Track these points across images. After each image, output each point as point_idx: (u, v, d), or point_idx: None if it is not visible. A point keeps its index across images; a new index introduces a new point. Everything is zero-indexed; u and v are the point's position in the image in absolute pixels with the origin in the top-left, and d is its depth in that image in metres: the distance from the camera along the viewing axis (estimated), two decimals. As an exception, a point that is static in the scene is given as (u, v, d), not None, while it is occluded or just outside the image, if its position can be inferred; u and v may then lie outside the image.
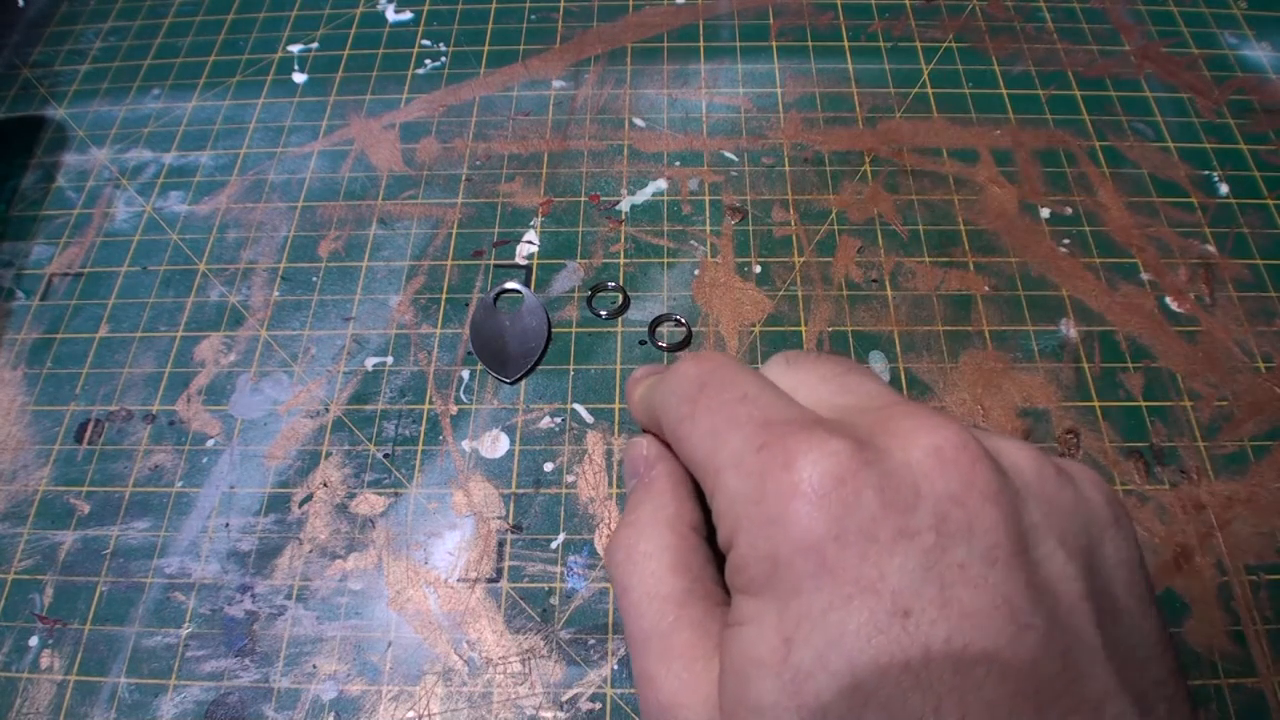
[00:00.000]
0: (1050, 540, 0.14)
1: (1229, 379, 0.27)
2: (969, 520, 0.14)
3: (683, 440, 0.17)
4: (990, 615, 0.14)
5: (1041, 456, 0.15)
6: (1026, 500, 0.15)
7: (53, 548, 0.26)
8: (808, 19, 0.37)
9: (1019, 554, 0.14)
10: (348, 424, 0.27)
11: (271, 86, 0.36)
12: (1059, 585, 0.14)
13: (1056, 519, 0.15)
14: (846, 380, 0.18)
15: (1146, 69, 0.35)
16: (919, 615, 0.14)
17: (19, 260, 0.31)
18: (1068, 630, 0.14)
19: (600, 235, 0.31)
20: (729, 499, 0.15)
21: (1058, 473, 0.15)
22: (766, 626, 0.15)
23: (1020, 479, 0.15)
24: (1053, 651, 0.14)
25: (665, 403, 0.18)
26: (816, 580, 0.14)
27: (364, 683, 0.23)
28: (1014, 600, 0.14)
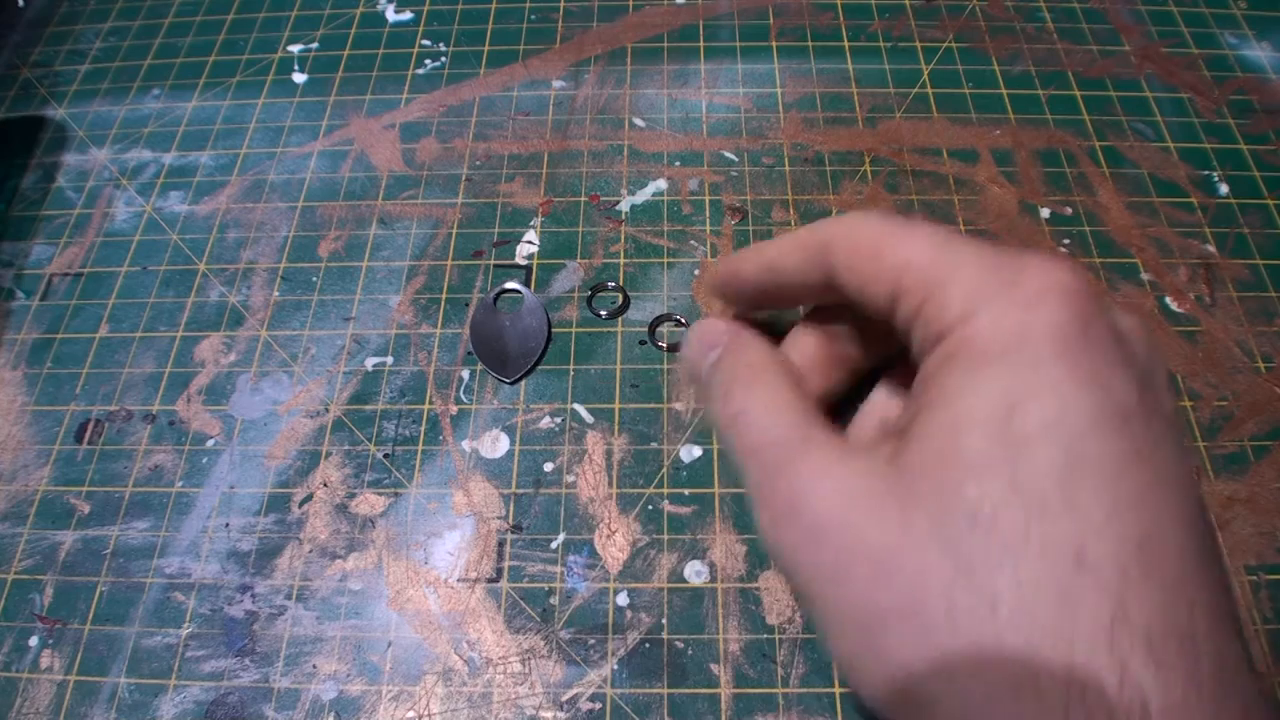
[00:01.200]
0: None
1: (1229, 379, 0.27)
2: (1159, 381, 0.16)
3: (890, 248, 0.18)
4: (1176, 451, 0.16)
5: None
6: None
7: (53, 548, 0.26)
8: (808, 19, 0.37)
9: (1166, 388, 0.17)
10: (348, 424, 0.27)
11: (271, 86, 0.36)
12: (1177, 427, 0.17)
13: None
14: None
15: (1146, 69, 0.35)
16: (1134, 423, 0.15)
17: (19, 260, 0.31)
18: (1191, 469, 0.16)
19: (600, 235, 0.31)
20: (970, 279, 0.16)
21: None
22: (992, 392, 0.16)
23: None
24: (1193, 481, 0.15)
25: (858, 226, 0.19)
26: (1056, 361, 0.15)
27: (364, 683, 0.23)
28: (1174, 428, 0.16)
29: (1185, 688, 0.14)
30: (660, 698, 0.22)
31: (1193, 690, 0.14)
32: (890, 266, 0.18)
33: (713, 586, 0.24)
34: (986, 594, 0.15)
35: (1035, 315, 0.16)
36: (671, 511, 0.25)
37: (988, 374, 0.16)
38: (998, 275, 0.17)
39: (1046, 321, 0.16)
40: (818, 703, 0.22)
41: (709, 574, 0.24)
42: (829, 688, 0.22)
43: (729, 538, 0.25)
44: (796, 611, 0.23)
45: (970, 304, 0.16)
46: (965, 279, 0.17)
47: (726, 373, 0.22)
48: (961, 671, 0.15)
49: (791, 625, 0.23)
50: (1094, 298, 0.17)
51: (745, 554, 0.24)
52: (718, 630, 0.23)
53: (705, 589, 0.24)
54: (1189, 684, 0.14)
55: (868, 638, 0.16)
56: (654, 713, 0.22)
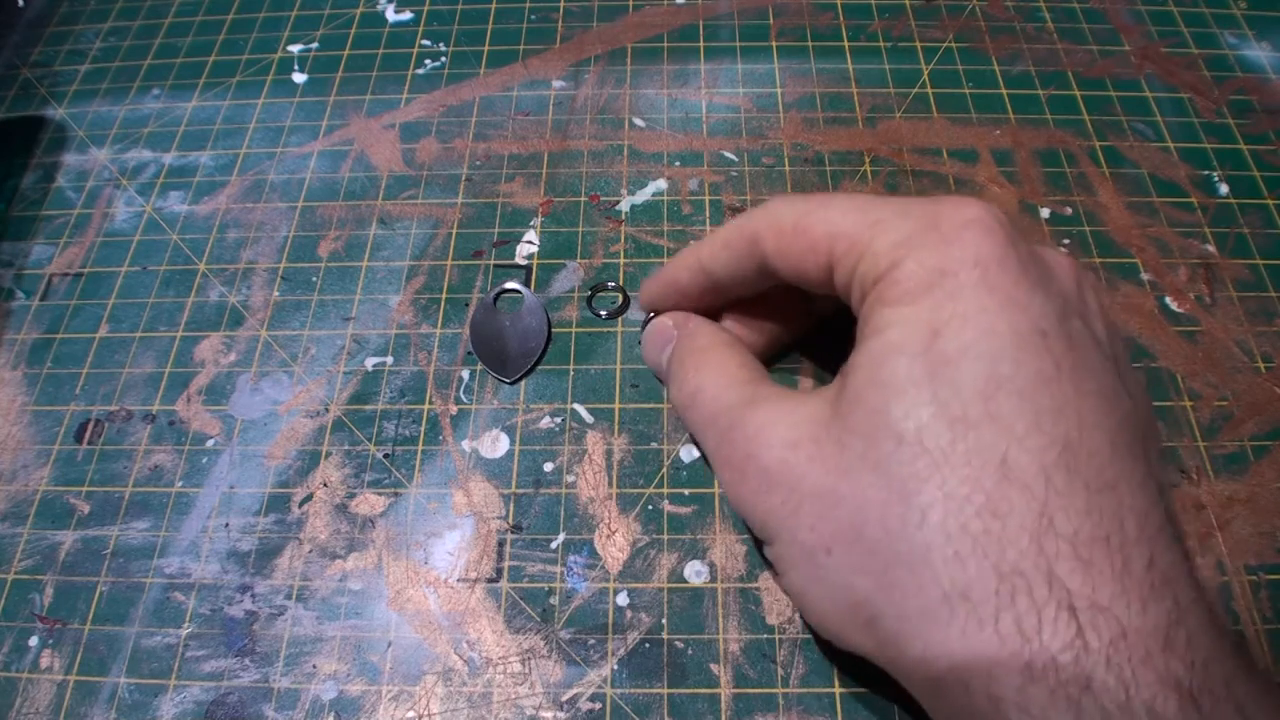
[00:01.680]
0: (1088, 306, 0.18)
1: (1229, 379, 0.27)
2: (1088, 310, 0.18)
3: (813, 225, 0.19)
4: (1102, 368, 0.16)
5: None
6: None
7: (53, 548, 0.26)
8: (808, 19, 0.37)
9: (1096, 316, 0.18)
10: (348, 424, 0.27)
11: (271, 86, 0.36)
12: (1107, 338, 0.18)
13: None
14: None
15: (1146, 69, 0.35)
16: (1053, 341, 0.16)
17: (19, 260, 0.31)
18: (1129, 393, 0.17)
19: (600, 235, 0.31)
20: (893, 234, 0.17)
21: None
22: (916, 323, 0.17)
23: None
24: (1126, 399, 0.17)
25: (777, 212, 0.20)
26: (977, 288, 0.16)
27: (364, 683, 0.23)
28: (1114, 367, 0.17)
29: (1112, 587, 0.14)
30: (660, 698, 0.22)
31: (1119, 589, 0.14)
32: (819, 240, 0.19)
33: (713, 586, 0.24)
34: (916, 507, 0.15)
35: (953, 250, 0.17)
36: (671, 511, 0.25)
37: (913, 308, 0.17)
38: (918, 222, 0.18)
39: (964, 254, 0.17)
40: (818, 703, 0.22)
41: (709, 574, 0.24)
42: (829, 688, 0.22)
43: (729, 538, 0.25)
44: (797, 612, 0.23)
45: (896, 252, 0.17)
46: (889, 232, 0.18)
47: (678, 360, 0.23)
48: (899, 585, 0.16)
49: (791, 625, 0.23)
50: (1008, 229, 0.17)
51: (745, 554, 0.24)
52: (718, 630, 0.23)
53: (705, 589, 0.24)
54: (1115, 583, 0.14)
55: (815, 567, 0.17)
56: (654, 713, 0.22)
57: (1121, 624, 0.14)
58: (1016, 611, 0.14)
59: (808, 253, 0.19)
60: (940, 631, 0.15)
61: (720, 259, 0.22)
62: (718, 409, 0.21)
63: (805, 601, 0.19)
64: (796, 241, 0.19)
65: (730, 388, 0.21)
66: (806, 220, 0.19)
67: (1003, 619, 0.14)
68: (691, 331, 0.24)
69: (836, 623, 0.18)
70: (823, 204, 0.19)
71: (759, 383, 0.21)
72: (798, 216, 0.19)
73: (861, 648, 0.17)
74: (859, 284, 0.18)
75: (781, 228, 0.20)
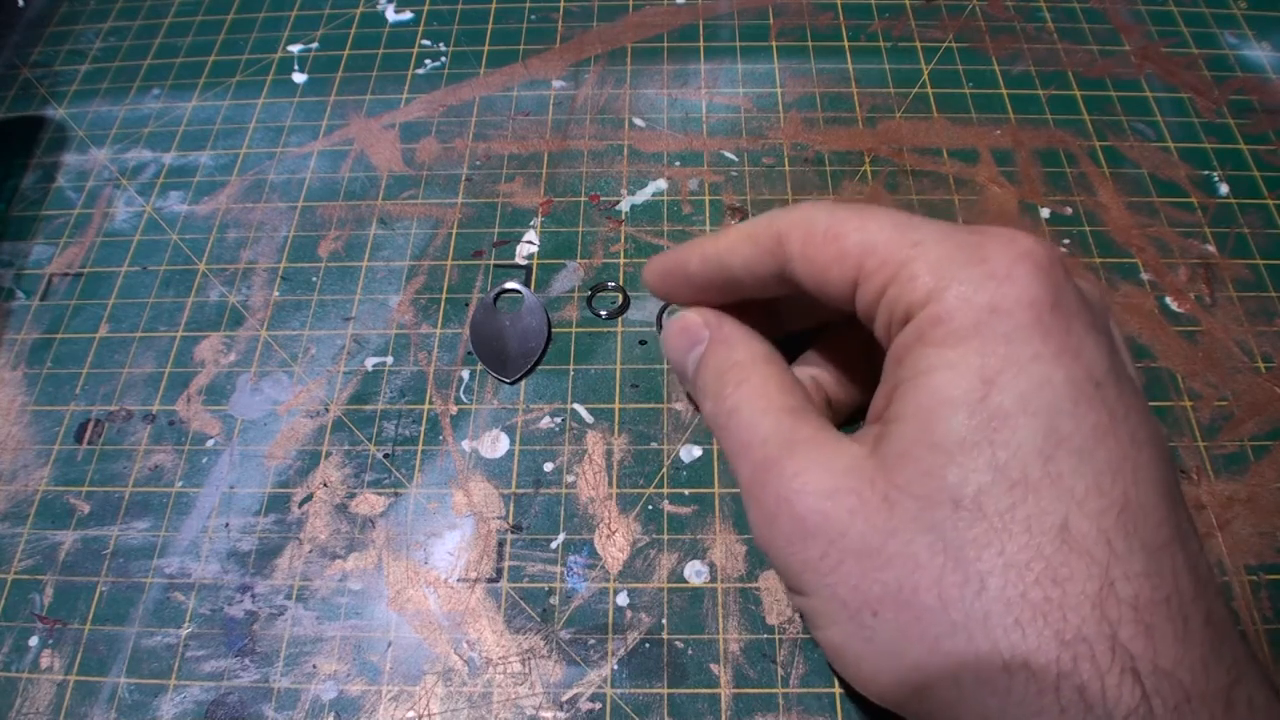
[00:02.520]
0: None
1: (1229, 379, 0.27)
2: (1120, 345, 0.17)
3: (848, 233, 0.18)
4: (1146, 413, 0.16)
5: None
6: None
7: (53, 548, 0.26)
8: (808, 19, 0.37)
9: (1123, 345, 0.18)
10: (348, 424, 0.27)
11: (271, 86, 0.36)
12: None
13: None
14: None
15: (1146, 69, 0.35)
16: (1106, 390, 0.15)
17: (19, 260, 0.31)
18: (1161, 431, 0.17)
19: (600, 235, 0.31)
20: (935, 259, 0.16)
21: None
22: (966, 370, 0.15)
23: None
24: (1163, 442, 0.16)
25: (811, 214, 0.19)
26: (1029, 332, 0.15)
27: (364, 683, 0.23)
28: (1136, 383, 0.17)
29: (1174, 650, 0.14)
30: (660, 698, 0.22)
31: (1182, 651, 0.14)
32: (850, 250, 0.18)
33: (713, 586, 0.24)
34: (975, 575, 0.15)
35: (1006, 289, 0.16)
36: (671, 511, 0.25)
37: (961, 351, 0.16)
38: (964, 251, 0.16)
39: (1018, 295, 0.16)
40: (818, 703, 0.22)
41: (709, 574, 0.24)
42: (829, 688, 0.22)
43: (729, 538, 0.25)
44: (797, 612, 0.23)
45: (938, 281, 0.16)
46: (930, 256, 0.17)
47: (714, 371, 0.22)
48: (955, 654, 0.15)
49: (791, 625, 0.23)
50: (1062, 268, 0.16)
51: (745, 554, 0.24)
52: (718, 630, 0.23)
53: (705, 589, 0.24)
54: (1178, 645, 0.14)
55: (859, 627, 0.16)
56: (654, 713, 0.22)
57: (1185, 688, 0.13)
58: (1080, 678, 0.14)
59: (835, 262, 0.18)
60: (999, 701, 0.14)
61: (740, 253, 0.20)
62: (753, 439, 0.19)
63: (845, 659, 0.17)
64: (826, 248, 0.18)
65: (768, 415, 0.19)
66: (841, 227, 0.18)
67: (1064, 686, 0.14)
68: (727, 338, 0.22)
69: (880, 686, 0.17)
70: (860, 214, 0.18)
71: (799, 415, 0.19)
72: (832, 222, 0.18)
73: (907, 711, 0.17)
74: (888, 308, 0.17)
75: (812, 230, 0.18)
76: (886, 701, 0.17)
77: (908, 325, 0.17)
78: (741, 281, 0.21)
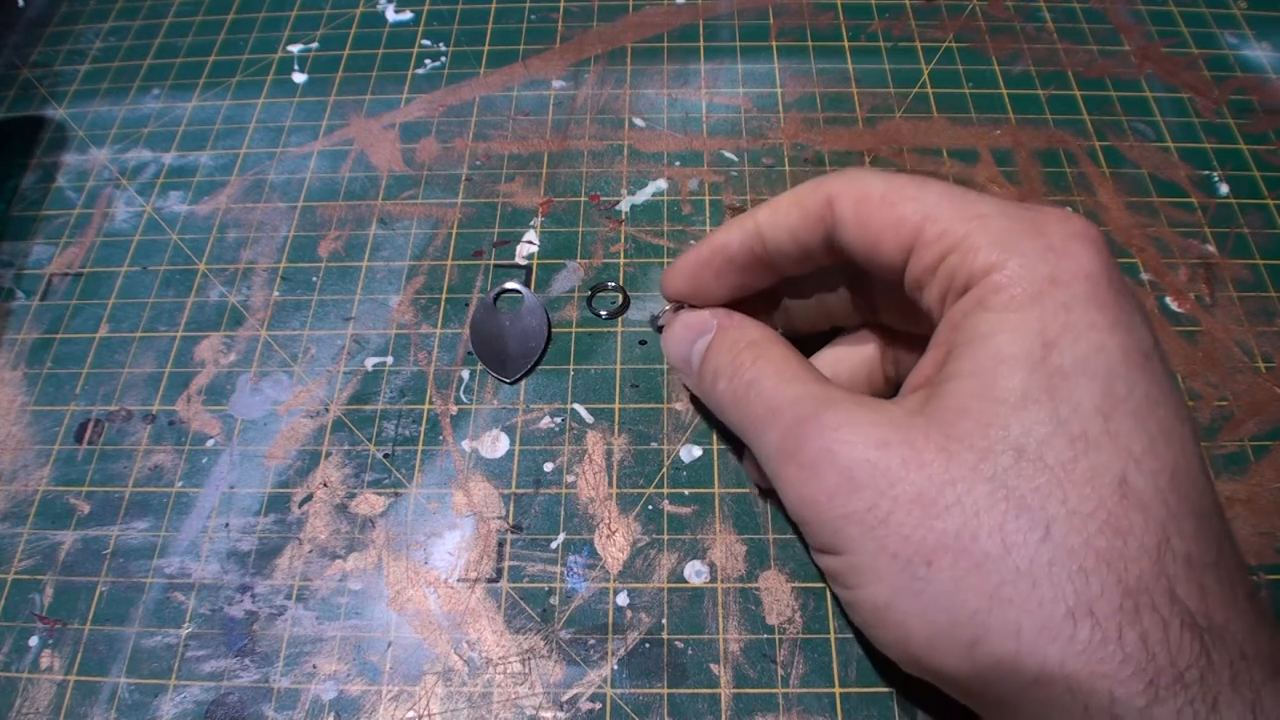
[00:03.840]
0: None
1: (1229, 379, 0.27)
2: (1147, 314, 0.18)
3: (906, 200, 0.18)
4: (1178, 392, 0.16)
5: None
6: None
7: (53, 548, 0.26)
8: (808, 19, 0.37)
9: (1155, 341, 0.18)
10: (348, 424, 0.27)
11: (271, 86, 0.36)
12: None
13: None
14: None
15: (1146, 69, 0.35)
16: (1154, 363, 0.16)
17: (19, 260, 0.31)
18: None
19: (600, 235, 0.31)
20: (997, 232, 0.17)
21: None
22: (1027, 332, 0.16)
23: None
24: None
25: (864, 179, 0.19)
26: (1087, 303, 0.16)
27: (364, 683, 0.23)
28: (1178, 387, 0.17)
29: (1226, 610, 0.14)
30: (660, 698, 0.22)
31: (1233, 613, 0.14)
32: (909, 217, 0.18)
33: (713, 586, 0.24)
34: (1040, 522, 0.15)
35: (1065, 262, 0.16)
36: (671, 511, 0.25)
37: (1022, 316, 0.16)
38: (1023, 225, 0.17)
39: (1075, 267, 0.16)
40: (818, 703, 0.22)
41: (709, 574, 0.24)
42: (829, 688, 0.22)
43: (729, 538, 0.25)
44: (796, 611, 0.23)
45: (1000, 253, 0.17)
46: (992, 229, 0.17)
47: (728, 352, 0.21)
48: (1017, 600, 0.15)
49: (791, 625, 0.23)
50: (1108, 249, 0.17)
51: (745, 554, 0.24)
52: (718, 630, 0.23)
53: (705, 589, 0.24)
54: (1229, 607, 0.14)
55: (911, 579, 0.16)
56: (654, 713, 0.22)
57: (1241, 646, 0.14)
58: (1142, 627, 0.14)
59: (890, 228, 0.18)
60: (1061, 648, 0.14)
61: (786, 221, 0.20)
62: (782, 401, 0.19)
63: (889, 617, 0.17)
64: (882, 213, 0.18)
65: (793, 382, 0.19)
66: (898, 195, 0.18)
67: (1127, 635, 0.14)
68: (737, 323, 0.22)
69: (930, 643, 0.16)
70: (916, 184, 0.18)
71: (826, 383, 0.19)
72: (889, 189, 0.18)
73: (951, 671, 0.16)
74: (946, 276, 0.17)
75: (867, 195, 0.18)
76: (930, 662, 0.16)
77: (967, 293, 0.17)
78: (786, 253, 0.21)
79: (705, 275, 0.22)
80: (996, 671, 0.15)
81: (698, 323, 0.23)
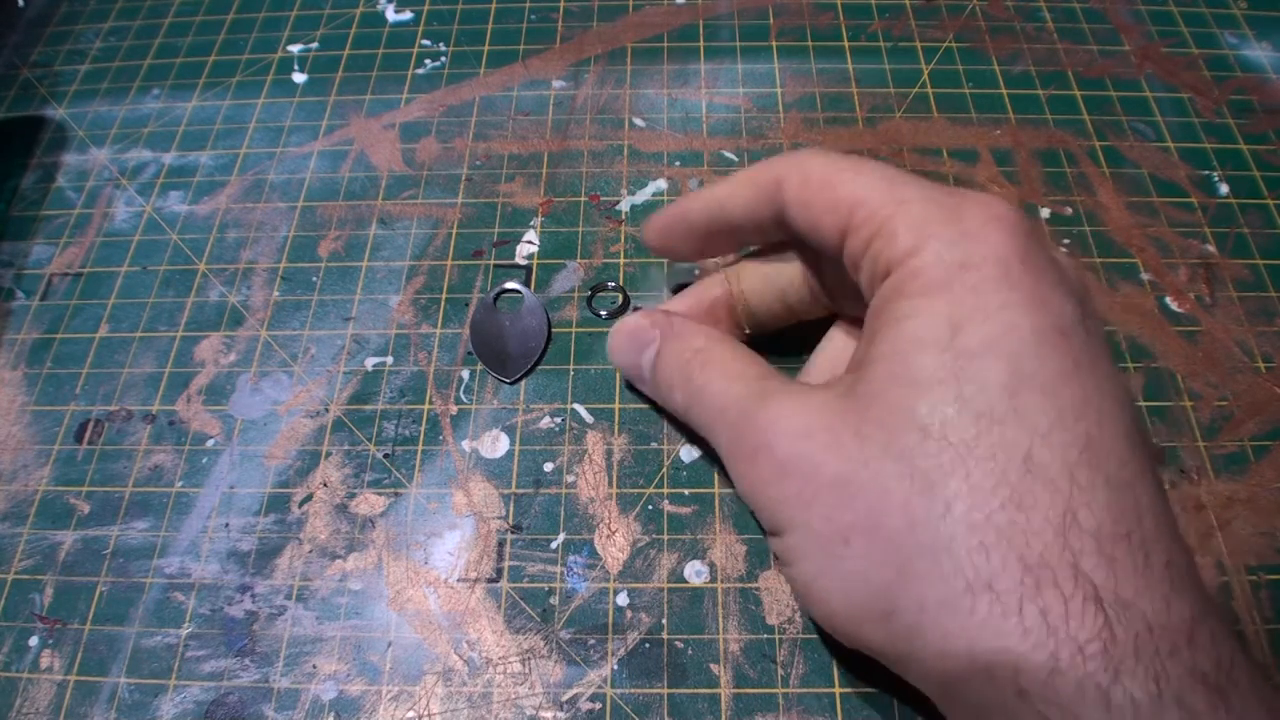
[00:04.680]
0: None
1: (1229, 379, 0.27)
2: (1089, 297, 0.18)
3: (840, 184, 0.19)
4: (1112, 366, 0.17)
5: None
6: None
7: (53, 548, 0.26)
8: (808, 19, 0.37)
9: (1099, 318, 0.18)
10: (348, 424, 0.27)
11: (271, 86, 0.36)
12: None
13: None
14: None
15: (1146, 69, 0.35)
16: (1073, 339, 0.16)
17: (19, 260, 0.31)
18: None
19: (600, 235, 0.31)
20: (916, 217, 0.17)
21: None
22: (936, 316, 0.16)
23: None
24: (1130, 397, 0.17)
25: (809, 161, 0.20)
26: (999, 283, 0.16)
27: (364, 683, 0.23)
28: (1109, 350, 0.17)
29: (1136, 581, 0.14)
30: (660, 698, 0.22)
31: (1143, 585, 0.14)
32: (842, 200, 0.19)
33: (713, 586, 0.24)
34: (941, 499, 0.15)
35: (977, 245, 0.17)
36: (671, 511, 0.25)
37: (934, 301, 0.17)
38: (942, 210, 0.17)
39: (987, 251, 0.17)
40: (818, 703, 0.22)
41: (709, 574, 0.24)
42: (829, 688, 0.22)
43: (729, 538, 0.25)
44: (796, 612, 0.23)
45: (917, 238, 0.17)
46: (912, 215, 0.18)
47: (674, 361, 0.23)
48: (921, 575, 0.15)
49: (791, 625, 0.23)
50: (1030, 229, 0.18)
51: (745, 554, 0.24)
52: (718, 630, 0.23)
53: (705, 589, 0.24)
54: (1140, 579, 0.14)
55: (831, 557, 0.17)
56: (654, 713, 0.22)
57: (1147, 618, 0.14)
58: (1043, 602, 0.14)
59: (827, 211, 0.19)
60: (962, 622, 0.15)
61: (740, 198, 0.21)
62: (726, 402, 0.20)
63: (816, 592, 0.18)
64: (820, 195, 0.19)
65: (737, 381, 0.21)
66: (835, 177, 0.19)
67: (1028, 610, 0.14)
68: (679, 332, 0.23)
69: (850, 616, 0.17)
70: (854, 166, 0.19)
71: (766, 377, 0.20)
72: (827, 172, 0.19)
73: (872, 643, 0.17)
74: (871, 261, 0.18)
75: (808, 177, 0.19)
76: (854, 635, 0.18)
77: (888, 279, 0.18)
78: (742, 227, 0.22)
79: (674, 236, 0.24)
80: (909, 644, 0.16)
81: (640, 332, 0.24)
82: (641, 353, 0.24)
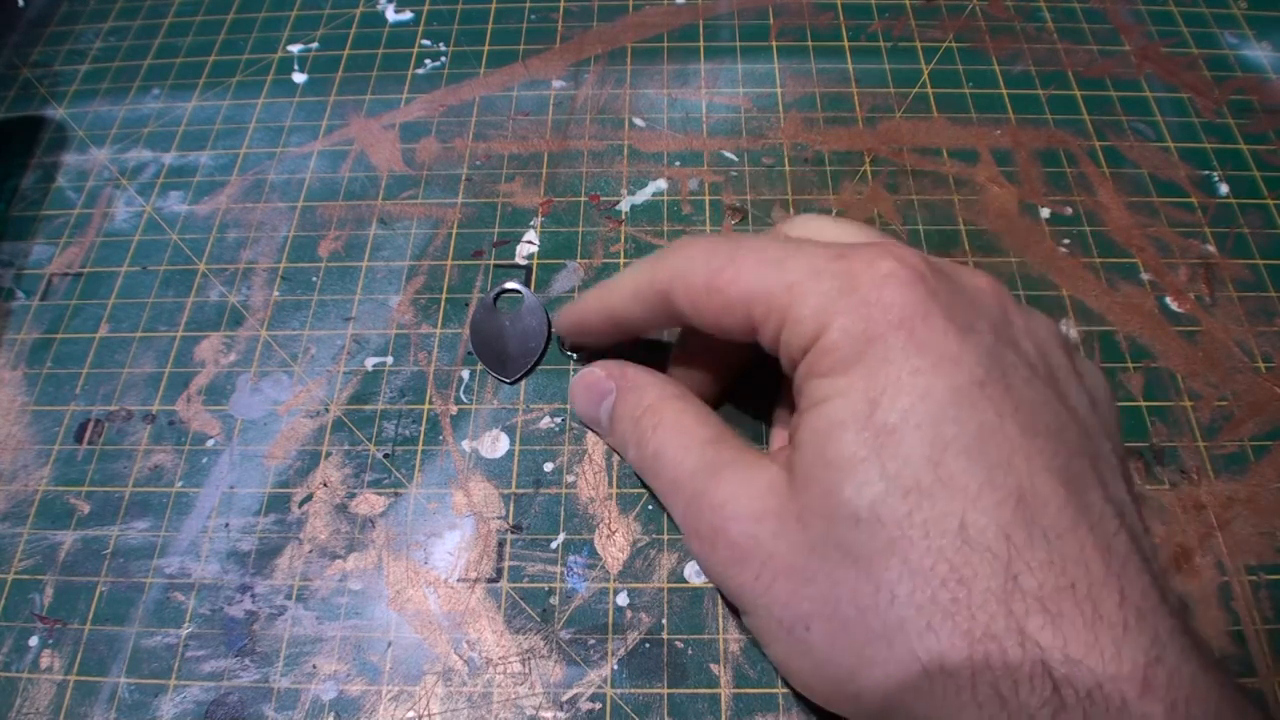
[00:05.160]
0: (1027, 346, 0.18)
1: (1229, 379, 0.27)
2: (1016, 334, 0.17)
3: (726, 285, 0.18)
4: (1043, 400, 0.16)
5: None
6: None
7: (53, 548, 0.26)
8: (808, 19, 0.37)
9: (1025, 334, 0.18)
10: (348, 424, 0.27)
11: (271, 86, 0.36)
12: (1067, 381, 0.18)
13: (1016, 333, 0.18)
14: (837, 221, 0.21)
15: (1146, 69, 0.35)
16: (990, 387, 0.16)
17: (19, 260, 0.31)
18: (1075, 412, 0.17)
19: (600, 235, 0.31)
20: (813, 300, 0.17)
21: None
22: (853, 394, 0.16)
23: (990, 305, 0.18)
24: (1073, 424, 0.17)
25: (688, 267, 0.19)
26: (906, 349, 0.16)
27: (364, 683, 0.23)
28: (1055, 391, 0.17)
29: (1084, 636, 0.14)
30: (660, 698, 0.22)
31: (1091, 639, 0.14)
32: (735, 302, 0.18)
33: (713, 586, 0.24)
34: (885, 586, 0.15)
35: (878, 312, 0.17)
36: (671, 511, 0.25)
37: (849, 379, 0.16)
38: (835, 281, 0.17)
39: (886, 316, 0.16)
40: (818, 703, 0.22)
41: (709, 574, 0.24)
42: (829, 688, 0.22)
43: (729, 538, 0.25)
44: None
45: (819, 320, 0.17)
46: (808, 296, 0.17)
47: (629, 418, 0.23)
48: (879, 661, 0.16)
49: (791, 625, 0.23)
50: (926, 278, 0.17)
51: (745, 554, 0.24)
52: (718, 630, 0.23)
53: (705, 589, 0.24)
54: (1087, 632, 0.14)
55: (795, 642, 0.17)
56: (654, 713, 0.22)
57: (1096, 674, 0.14)
58: (992, 675, 0.14)
59: (724, 312, 0.19)
60: (924, 703, 0.15)
61: (630, 310, 0.21)
62: (680, 475, 0.20)
63: (790, 673, 0.19)
64: (711, 300, 0.19)
65: (691, 450, 0.20)
66: (718, 280, 0.19)
67: (980, 685, 0.14)
68: (633, 384, 0.23)
69: (824, 696, 0.18)
70: (732, 260, 0.19)
71: (719, 443, 0.20)
72: (709, 275, 0.19)
73: (853, 718, 0.18)
74: (785, 349, 0.18)
75: (693, 286, 0.19)
76: (833, 709, 0.18)
77: (802, 361, 0.18)
78: (644, 329, 0.22)
79: (582, 335, 0.25)
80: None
81: (598, 384, 0.24)
82: (599, 405, 0.24)
